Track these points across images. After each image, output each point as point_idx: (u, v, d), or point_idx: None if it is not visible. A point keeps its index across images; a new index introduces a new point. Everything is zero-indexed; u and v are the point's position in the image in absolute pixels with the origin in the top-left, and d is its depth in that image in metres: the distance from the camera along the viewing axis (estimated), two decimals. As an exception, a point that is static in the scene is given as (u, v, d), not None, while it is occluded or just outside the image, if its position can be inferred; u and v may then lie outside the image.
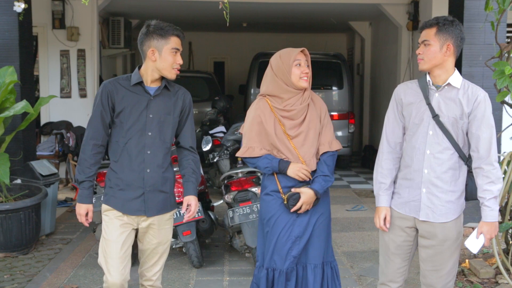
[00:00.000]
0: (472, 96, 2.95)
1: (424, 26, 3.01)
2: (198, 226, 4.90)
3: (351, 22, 12.02)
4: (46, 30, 8.64)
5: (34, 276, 4.77)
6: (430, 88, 3.03)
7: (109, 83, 3.14)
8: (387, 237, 3.19)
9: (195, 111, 10.31)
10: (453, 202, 3.01)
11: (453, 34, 2.94)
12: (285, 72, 3.26)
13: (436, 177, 2.99)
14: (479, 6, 5.62)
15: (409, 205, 3.07)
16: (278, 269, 3.29)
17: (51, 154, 8.22)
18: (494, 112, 6.27)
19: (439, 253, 3.03)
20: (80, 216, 3.15)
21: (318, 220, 3.36)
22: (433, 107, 2.99)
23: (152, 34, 3.07)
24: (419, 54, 3.00)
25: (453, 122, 2.95)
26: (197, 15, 10.98)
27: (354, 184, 9.09)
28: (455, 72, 3.00)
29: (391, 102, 3.17)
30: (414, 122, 3.03)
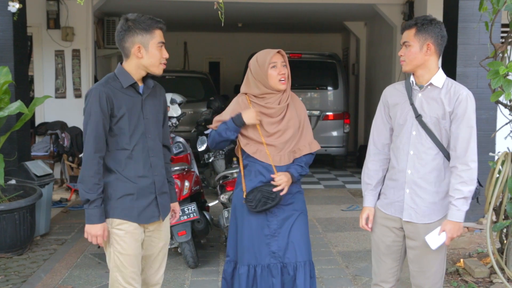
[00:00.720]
0: (454, 95, 2.93)
1: (404, 28, 3.02)
2: (193, 227, 4.90)
3: (346, 22, 12.04)
4: (41, 30, 8.61)
5: (29, 277, 4.75)
6: (413, 89, 3.04)
7: (103, 86, 2.86)
8: (376, 238, 3.20)
9: (190, 111, 10.31)
10: (437, 203, 2.99)
11: (432, 33, 2.94)
12: (262, 75, 3.32)
13: (419, 177, 2.98)
14: (473, 6, 5.63)
15: (394, 205, 3.08)
16: (260, 264, 3.32)
17: (45, 155, 8.20)
18: (488, 112, 6.34)
19: (424, 254, 3.03)
20: (98, 237, 2.86)
21: (299, 218, 3.41)
22: (416, 107, 3.00)
23: (135, 29, 2.86)
24: (401, 56, 3.02)
25: (435, 122, 2.95)
26: (192, 15, 10.97)
27: (349, 184, 9.10)
28: (439, 72, 2.99)
29: (379, 104, 3.20)
30: (398, 122, 3.05)
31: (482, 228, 5.86)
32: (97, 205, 2.84)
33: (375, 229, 3.21)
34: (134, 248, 2.95)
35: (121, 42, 2.91)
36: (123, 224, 2.91)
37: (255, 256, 3.36)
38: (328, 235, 6.04)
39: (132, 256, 2.94)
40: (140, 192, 2.94)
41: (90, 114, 2.85)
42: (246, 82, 3.43)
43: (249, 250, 3.36)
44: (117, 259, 2.93)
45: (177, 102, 5.72)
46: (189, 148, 5.75)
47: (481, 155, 4.11)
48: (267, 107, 3.35)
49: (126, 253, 2.92)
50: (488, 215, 4.47)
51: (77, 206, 7.20)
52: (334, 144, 10.06)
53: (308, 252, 3.42)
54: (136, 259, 2.97)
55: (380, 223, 3.16)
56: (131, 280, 2.95)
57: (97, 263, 5.10)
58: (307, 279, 3.35)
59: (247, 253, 3.37)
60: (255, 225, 3.37)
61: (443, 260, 3.09)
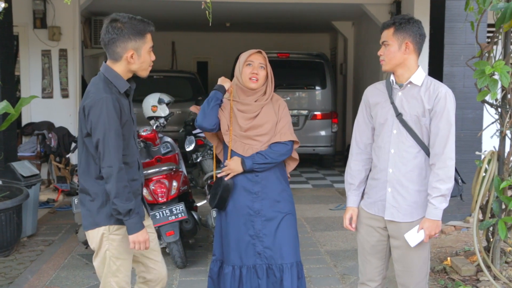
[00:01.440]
0: (433, 93, 2.94)
1: (382, 27, 3.05)
2: (181, 227, 4.89)
3: (334, 22, 12.06)
4: (27, 30, 8.54)
5: (16, 278, 4.72)
6: (393, 87, 3.06)
7: (111, 94, 2.76)
8: (361, 238, 3.21)
9: (178, 111, 10.28)
10: (419, 201, 3.00)
11: (410, 32, 2.96)
12: (238, 70, 3.45)
13: (401, 176, 2.99)
14: (460, 6, 5.67)
15: (377, 204, 3.10)
16: (245, 265, 3.33)
17: (32, 155, 8.14)
18: (475, 111, 6.38)
19: (407, 253, 3.04)
20: (146, 241, 2.84)
21: (285, 218, 3.42)
22: (396, 106, 3.01)
23: (129, 34, 2.77)
24: (380, 55, 3.04)
25: (416, 120, 2.96)
26: (180, 14, 10.94)
27: (337, 183, 9.12)
28: (418, 70, 3.02)
29: (361, 104, 3.22)
30: (379, 122, 3.07)
31: (469, 226, 5.90)
32: (137, 211, 2.80)
33: (360, 229, 3.22)
34: (130, 252, 2.95)
35: (111, 45, 2.80)
36: (121, 229, 2.87)
37: (240, 256, 3.36)
38: (316, 234, 6.06)
39: (128, 260, 2.96)
40: (134, 195, 2.91)
41: (109, 125, 2.72)
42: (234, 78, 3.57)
43: (234, 250, 3.37)
44: (113, 264, 2.90)
45: (165, 102, 5.71)
46: (177, 148, 5.74)
47: (467, 154, 4.19)
48: (243, 103, 3.44)
49: (122, 258, 2.92)
50: (474, 213, 4.50)
51: (64, 206, 7.15)
52: (322, 143, 10.08)
53: (295, 253, 3.42)
54: (130, 262, 2.99)
55: (365, 223, 3.17)
56: (124, 284, 2.95)
57: (84, 264, 5.07)
58: (294, 281, 3.35)
59: (232, 253, 3.37)
60: (240, 225, 3.37)
61: (426, 258, 3.10)
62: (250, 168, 3.35)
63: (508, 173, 4.47)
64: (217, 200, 3.39)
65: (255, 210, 3.37)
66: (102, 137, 2.72)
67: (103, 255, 2.91)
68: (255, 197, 3.38)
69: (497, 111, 4.52)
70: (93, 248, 2.97)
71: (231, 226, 3.39)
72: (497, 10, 4.05)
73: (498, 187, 4.27)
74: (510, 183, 4.27)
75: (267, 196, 3.38)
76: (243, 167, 3.35)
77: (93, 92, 2.79)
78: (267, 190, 3.40)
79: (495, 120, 4.57)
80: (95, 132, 2.74)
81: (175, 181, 4.93)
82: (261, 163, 3.36)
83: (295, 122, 9.99)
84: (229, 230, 3.39)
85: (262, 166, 3.37)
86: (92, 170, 2.85)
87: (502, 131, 4.44)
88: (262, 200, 3.38)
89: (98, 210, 2.85)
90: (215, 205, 3.43)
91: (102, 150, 2.73)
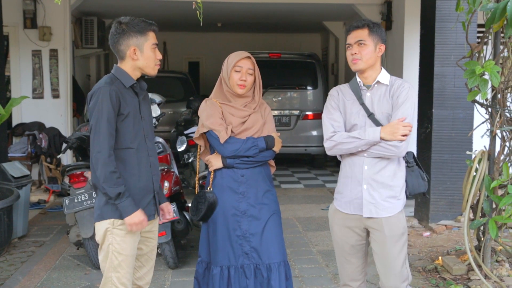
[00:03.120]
0: (397, 89, 3.04)
1: (352, 28, 3.09)
2: (173, 227, 4.88)
3: (325, 22, 12.09)
4: (17, 30, 8.49)
5: (6, 280, 4.69)
6: (361, 89, 3.12)
7: (110, 85, 2.88)
8: (339, 239, 3.22)
9: (170, 111, 10.26)
10: (395, 196, 3.07)
11: (381, 35, 3.08)
12: (226, 74, 3.38)
13: (376, 172, 3.04)
14: (450, 6, 5.70)
15: (353, 203, 3.12)
16: (233, 265, 3.33)
17: (23, 156, 8.10)
18: (465, 111, 6.41)
19: (385, 250, 3.08)
20: (143, 222, 2.91)
21: (271, 218, 3.42)
22: (367, 106, 3.07)
23: (130, 32, 2.92)
24: (354, 54, 3.05)
25: (387, 117, 3.03)
26: (171, 15, 10.92)
27: (329, 183, 9.13)
28: (383, 70, 3.11)
29: (326, 105, 3.20)
30: (350, 122, 3.10)
31: (460, 226, 5.93)
32: (127, 195, 2.87)
33: (336, 231, 3.23)
34: (133, 249, 2.98)
35: (115, 45, 2.96)
36: (124, 224, 2.91)
37: (228, 257, 3.36)
38: (308, 234, 6.07)
39: (130, 257, 2.97)
40: (141, 191, 2.99)
41: (102, 112, 2.83)
42: (218, 79, 3.48)
43: (222, 251, 3.36)
44: (115, 259, 2.94)
45: (156, 102, 5.70)
46: (168, 149, 5.73)
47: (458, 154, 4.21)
48: (234, 107, 3.39)
49: (124, 254, 2.95)
50: (465, 213, 4.52)
51: (56, 207, 7.12)
52: (314, 143, 10.09)
53: (282, 253, 3.42)
54: (132, 259, 3.00)
55: (341, 224, 3.19)
56: (126, 281, 2.97)
57: (76, 265, 5.05)
58: (282, 280, 3.35)
59: (220, 254, 3.37)
60: (227, 226, 3.37)
61: (404, 259, 3.12)
62: (230, 164, 3.35)
63: (499, 172, 4.49)
64: (201, 216, 3.39)
65: (241, 210, 3.36)
66: (94, 123, 2.85)
67: (106, 249, 2.96)
68: (241, 197, 3.38)
69: (487, 111, 4.55)
70: (97, 241, 3.01)
71: (218, 227, 3.38)
72: (487, 10, 4.07)
73: (489, 187, 4.30)
74: (501, 183, 4.29)
75: (252, 196, 3.38)
76: (223, 161, 3.35)
77: (96, 85, 2.96)
78: (253, 190, 3.39)
79: (485, 120, 4.59)
80: (90, 119, 2.88)
81: (167, 181, 4.92)
82: (239, 155, 3.34)
83: (287, 122, 10.00)
84: (216, 231, 3.39)
85: (243, 163, 3.36)
86: None
87: (492, 131, 4.46)
88: (248, 200, 3.37)
89: (104, 203, 2.93)
90: (201, 219, 3.43)
91: (93, 135, 2.85)
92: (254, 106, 3.43)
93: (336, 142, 3.06)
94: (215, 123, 3.32)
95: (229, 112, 3.38)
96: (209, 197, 3.37)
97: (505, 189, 4.33)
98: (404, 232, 3.11)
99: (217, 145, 3.34)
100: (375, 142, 2.98)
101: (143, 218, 2.92)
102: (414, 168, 3.16)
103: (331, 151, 3.12)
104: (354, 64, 3.07)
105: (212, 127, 3.32)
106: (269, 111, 3.53)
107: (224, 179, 3.39)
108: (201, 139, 3.47)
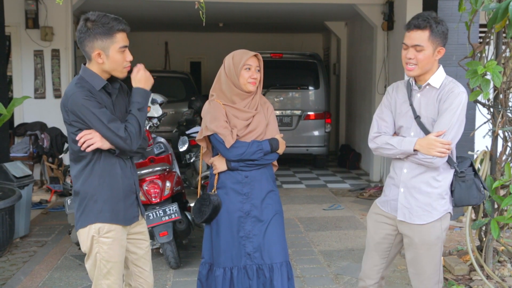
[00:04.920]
0: (445, 94, 2.90)
1: (412, 27, 2.88)
2: (175, 227, 4.88)
3: (327, 22, 12.08)
4: (19, 30, 8.51)
5: (8, 280, 4.70)
6: (413, 89, 3.01)
7: (81, 88, 2.75)
8: (369, 232, 3.21)
9: (172, 111, 10.26)
10: (432, 204, 2.96)
11: (443, 36, 2.88)
12: (234, 74, 3.32)
13: (413, 177, 2.97)
14: (452, 7, 5.69)
15: (390, 203, 3.09)
16: (236, 266, 3.33)
17: (25, 156, 8.11)
18: (467, 111, 6.37)
19: (417, 256, 3.02)
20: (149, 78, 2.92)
21: (274, 218, 3.42)
22: (415, 108, 2.97)
23: (94, 33, 2.72)
24: (410, 60, 2.89)
25: (432, 122, 2.93)
26: (173, 15, 10.92)
27: (331, 184, 9.13)
28: (438, 71, 2.96)
29: (383, 101, 3.13)
30: (398, 123, 3.04)
31: (462, 226, 5.92)
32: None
33: (369, 223, 3.22)
34: (120, 255, 2.94)
35: (81, 45, 2.80)
36: (111, 232, 2.87)
37: (231, 258, 3.35)
38: (310, 235, 6.06)
39: (119, 263, 2.93)
40: (124, 192, 2.92)
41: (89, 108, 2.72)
42: (217, 80, 3.42)
43: (225, 252, 3.36)
44: (103, 267, 2.89)
45: (158, 102, 5.70)
46: (170, 149, 5.73)
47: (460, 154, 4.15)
48: (238, 109, 3.36)
49: (113, 261, 2.90)
50: (467, 213, 4.52)
51: (57, 207, 7.13)
52: (316, 143, 10.09)
53: (284, 253, 3.41)
54: (121, 265, 2.97)
55: (375, 218, 3.18)
56: (117, 287, 2.94)
57: (77, 264, 5.05)
58: (284, 280, 3.34)
59: (223, 255, 3.36)
60: (231, 228, 3.36)
61: (438, 264, 3.06)
62: (235, 167, 3.34)
63: (500, 172, 4.49)
64: (205, 218, 3.38)
65: (245, 211, 3.36)
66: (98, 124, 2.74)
67: (94, 257, 2.90)
68: (245, 198, 3.37)
69: (489, 111, 4.54)
70: (84, 251, 2.95)
71: (221, 229, 3.37)
72: (489, 10, 4.07)
73: (491, 187, 4.29)
74: (503, 183, 4.29)
75: (256, 197, 3.37)
76: (228, 164, 3.34)
77: (67, 91, 2.79)
78: (256, 191, 3.38)
79: (487, 120, 4.59)
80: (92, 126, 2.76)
81: (169, 181, 4.93)
82: (243, 159, 3.33)
83: (289, 122, 9.99)
84: (220, 233, 3.38)
85: (247, 166, 3.35)
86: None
87: (494, 131, 4.45)
88: (252, 201, 3.37)
89: (82, 210, 2.88)
90: (204, 221, 3.42)
91: (107, 132, 2.75)
92: (256, 105, 3.40)
93: (377, 146, 3.03)
94: (220, 126, 3.28)
95: (233, 114, 3.35)
96: (214, 200, 3.35)
97: (507, 189, 4.32)
98: (437, 242, 2.98)
99: (222, 149, 3.32)
100: (409, 153, 2.90)
101: (148, 74, 2.93)
102: (466, 178, 2.99)
103: (374, 152, 3.12)
104: (408, 71, 2.92)
105: (217, 130, 3.28)
106: (271, 111, 3.50)
107: (228, 181, 3.38)
108: (203, 141, 3.46)
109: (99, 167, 2.84)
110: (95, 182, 2.85)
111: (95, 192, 2.85)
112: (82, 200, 2.87)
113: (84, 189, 2.85)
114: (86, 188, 2.85)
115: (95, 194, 2.85)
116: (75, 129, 2.79)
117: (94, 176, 2.85)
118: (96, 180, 2.85)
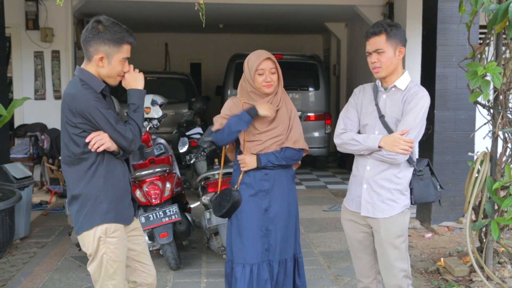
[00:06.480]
0: (410, 96, 3.05)
1: (370, 34, 3.07)
2: (175, 228, 4.88)
3: (327, 23, 12.09)
4: (19, 31, 8.52)
5: (8, 281, 4.69)
6: (379, 90, 3.16)
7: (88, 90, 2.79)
8: (348, 235, 3.32)
9: (172, 112, 10.27)
10: (393, 199, 3.08)
11: (400, 37, 3.06)
12: (250, 78, 3.45)
13: (376, 174, 3.09)
14: (452, 8, 5.70)
15: (355, 201, 3.20)
16: (255, 263, 3.39)
17: (25, 157, 8.11)
18: (467, 112, 6.39)
19: (385, 250, 3.11)
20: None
21: (291, 215, 3.55)
22: (380, 108, 3.11)
23: (104, 37, 2.76)
24: (374, 63, 3.06)
25: (395, 122, 3.06)
26: (173, 16, 10.93)
27: (331, 185, 9.13)
28: (404, 74, 3.11)
29: (349, 101, 3.27)
30: (363, 121, 3.17)
31: (462, 227, 5.92)
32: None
33: (345, 227, 3.32)
34: (124, 254, 2.97)
35: (86, 43, 2.81)
36: (117, 231, 2.89)
37: (251, 254, 3.44)
38: (310, 236, 6.06)
39: (123, 262, 2.97)
40: (122, 193, 2.96)
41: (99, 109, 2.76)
42: (242, 79, 3.55)
43: (244, 249, 3.45)
44: (110, 267, 2.90)
45: (158, 103, 5.70)
46: (170, 150, 5.73)
47: (460, 155, 4.21)
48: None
49: (119, 260, 2.92)
50: (467, 214, 4.51)
51: (57, 208, 7.13)
52: (316, 144, 10.09)
53: (298, 247, 3.60)
54: (124, 264, 2.99)
55: (348, 220, 3.27)
56: (122, 286, 2.96)
57: (78, 266, 5.05)
58: (302, 274, 3.58)
59: (242, 252, 3.46)
60: (250, 225, 3.45)
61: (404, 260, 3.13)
62: (264, 165, 3.43)
63: (501, 173, 4.48)
64: (224, 212, 3.47)
65: (264, 207, 3.46)
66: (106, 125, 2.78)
67: (100, 259, 2.89)
68: (265, 195, 3.47)
69: (489, 112, 4.54)
70: (89, 254, 2.93)
71: (242, 226, 3.46)
72: (489, 11, 4.07)
73: (491, 188, 4.29)
74: (503, 184, 4.29)
75: (276, 194, 3.48)
76: (258, 163, 3.42)
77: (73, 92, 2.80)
78: (276, 188, 3.49)
79: (487, 121, 4.59)
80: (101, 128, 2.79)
81: (169, 182, 4.93)
82: (274, 164, 3.45)
83: (289, 123, 9.98)
84: (240, 230, 3.47)
85: (274, 166, 3.46)
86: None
87: (494, 132, 4.45)
88: (272, 198, 3.47)
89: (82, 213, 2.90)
90: (222, 215, 3.51)
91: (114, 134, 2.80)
92: (278, 102, 3.48)
93: (343, 141, 3.17)
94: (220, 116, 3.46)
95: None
96: (235, 195, 3.45)
97: (507, 190, 4.32)
98: (401, 235, 3.11)
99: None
100: (374, 149, 3.05)
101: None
102: (424, 177, 3.14)
103: (339, 148, 3.24)
104: (376, 73, 3.09)
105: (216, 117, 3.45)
106: (295, 114, 3.59)
107: (249, 177, 3.47)
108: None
109: (102, 168, 2.86)
110: (100, 183, 2.86)
111: (99, 193, 2.86)
112: (84, 203, 2.87)
113: (87, 191, 2.85)
114: (89, 190, 2.85)
115: (99, 195, 2.86)
116: (79, 131, 2.80)
117: (98, 178, 2.85)
118: (100, 181, 2.86)
